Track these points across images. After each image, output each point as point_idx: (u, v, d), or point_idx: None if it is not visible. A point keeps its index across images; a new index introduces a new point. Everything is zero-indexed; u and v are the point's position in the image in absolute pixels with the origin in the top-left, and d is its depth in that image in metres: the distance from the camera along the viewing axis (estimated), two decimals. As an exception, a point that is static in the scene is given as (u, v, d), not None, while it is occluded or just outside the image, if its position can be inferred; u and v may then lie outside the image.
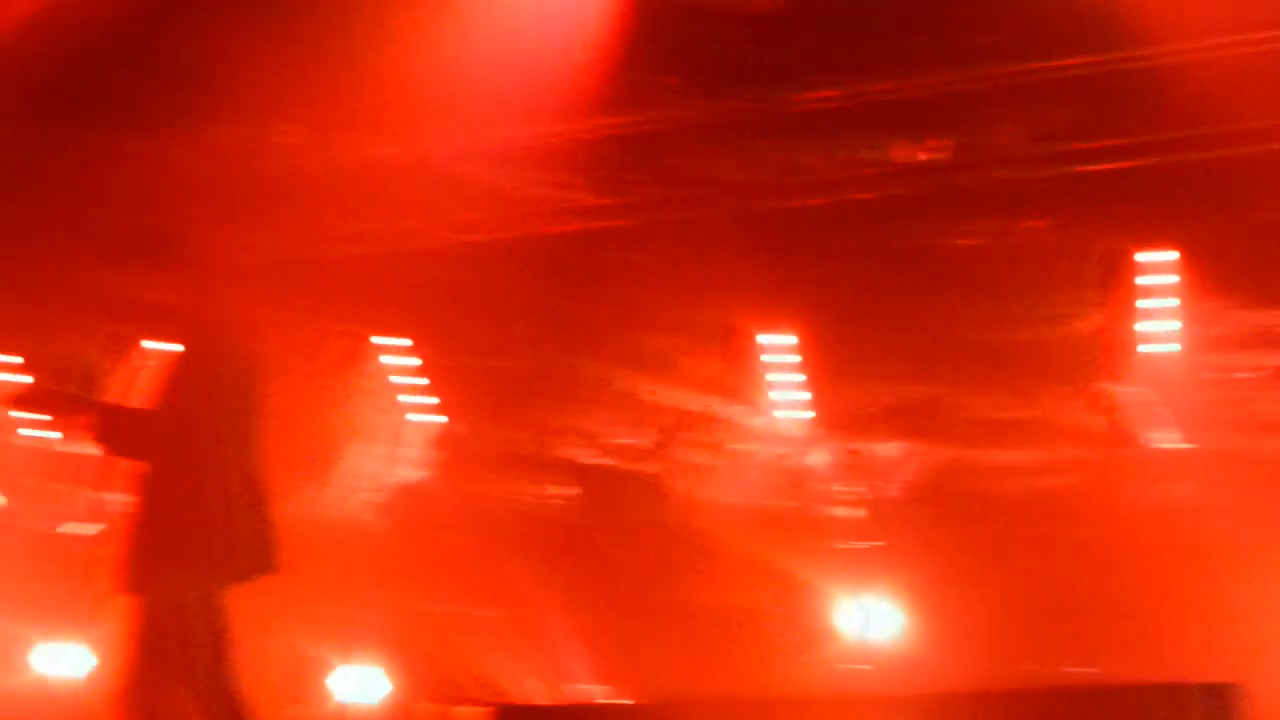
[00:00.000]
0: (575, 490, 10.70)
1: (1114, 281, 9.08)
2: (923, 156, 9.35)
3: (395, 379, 10.57)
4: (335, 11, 8.66)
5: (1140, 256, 9.03)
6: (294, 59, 8.89)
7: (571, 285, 9.91)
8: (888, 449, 10.34)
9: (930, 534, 10.28)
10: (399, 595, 10.13)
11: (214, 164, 9.60)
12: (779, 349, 10.13)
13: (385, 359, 10.43)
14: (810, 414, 10.39)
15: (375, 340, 10.37)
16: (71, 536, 9.21)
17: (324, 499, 10.67)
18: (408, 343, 10.56)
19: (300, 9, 8.78)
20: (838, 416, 10.34)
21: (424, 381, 10.70)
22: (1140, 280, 9.06)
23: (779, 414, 10.31)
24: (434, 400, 10.69)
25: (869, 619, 10.25)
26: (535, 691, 9.88)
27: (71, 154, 8.95)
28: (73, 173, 8.81)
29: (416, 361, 10.64)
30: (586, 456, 10.67)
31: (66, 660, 9.85)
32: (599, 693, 9.75)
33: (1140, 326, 9.19)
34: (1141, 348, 9.25)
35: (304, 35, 8.77)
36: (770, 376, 10.19)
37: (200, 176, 9.51)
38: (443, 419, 10.71)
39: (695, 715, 6.27)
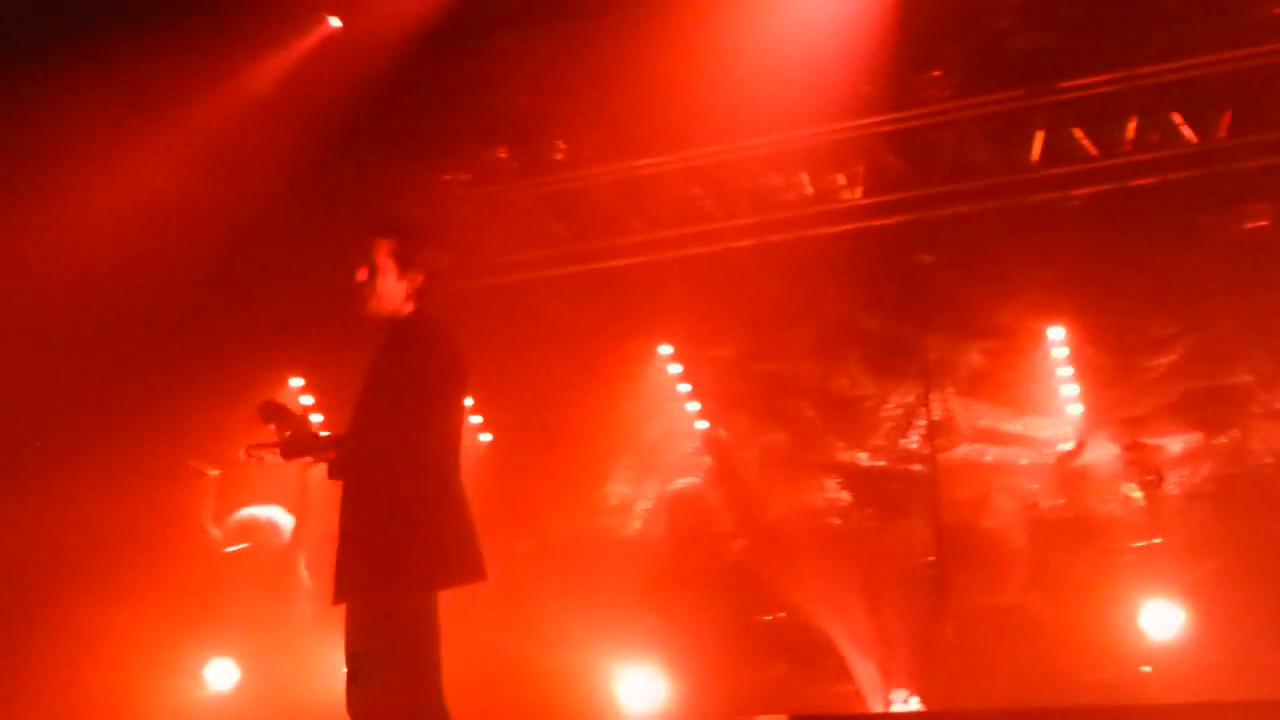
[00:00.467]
0: (849, 493, 10.62)
1: None
2: (1199, 140, 9.11)
3: (668, 387, 10.70)
4: (601, 31, 8.85)
5: None
6: (563, 79, 9.13)
7: (840, 286, 9.90)
8: (1169, 444, 10.03)
9: (1214, 532, 9.93)
10: (678, 601, 10.19)
11: (489, 184, 9.93)
12: (1055, 343, 9.94)
13: (666, 367, 10.57)
14: (1081, 409, 10.16)
15: (658, 349, 10.52)
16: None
17: (605, 507, 10.84)
18: (670, 349, 10.67)
19: (567, 31, 9.02)
20: (1115, 411, 10.07)
21: (688, 389, 10.79)
22: None
23: (1056, 410, 10.11)
24: (699, 406, 10.77)
25: (1151, 620, 9.94)
26: (820, 697, 9.84)
27: (369, 183, 9.32)
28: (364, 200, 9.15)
29: (679, 368, 10.74)
30: (859, 459, 10.59)
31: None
32: (885, 699, 9.66)
33: None
34: None
35: (572, 55, 9.01)
36: (1046, 371, 10.00)
37: (478, 197, 9.85)
38: (705, 424, 10.79)
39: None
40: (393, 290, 5.73)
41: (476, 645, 9.81)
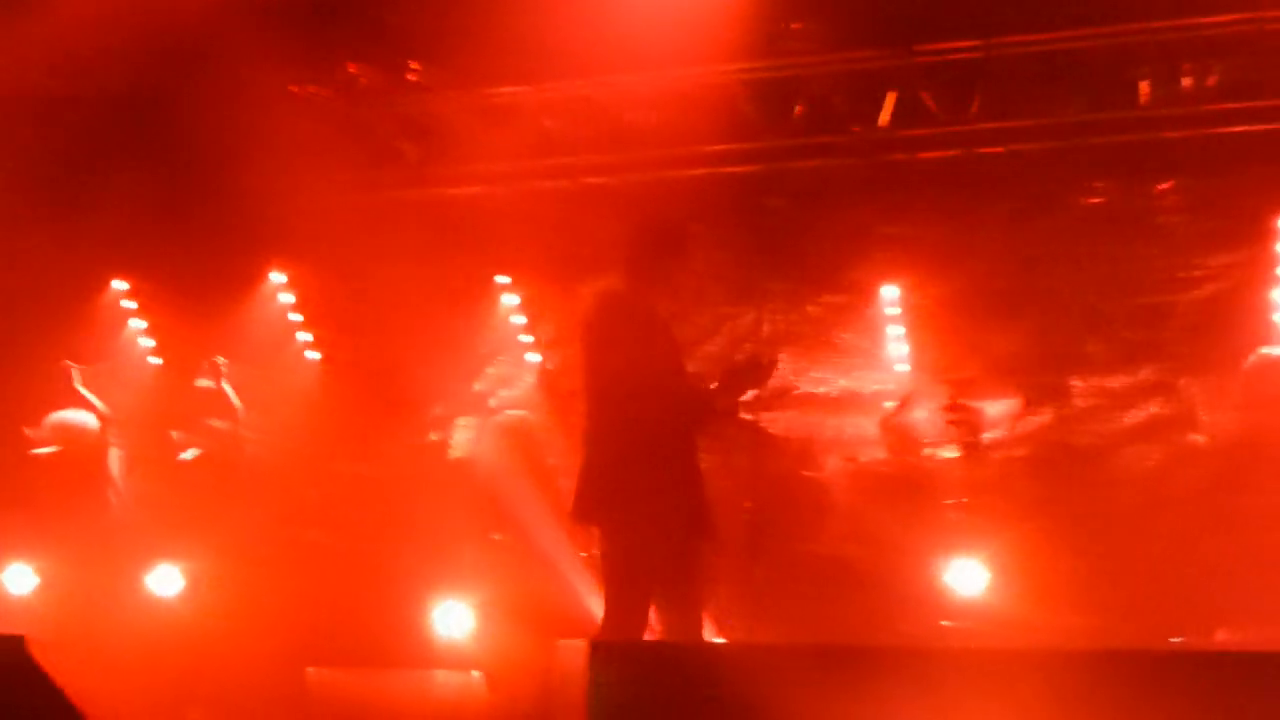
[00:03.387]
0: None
1: (1251, 245, 8.94)
2: (1047, 115, 9.25)
3: (504, 317, 10.61)
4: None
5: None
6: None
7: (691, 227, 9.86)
8: (993, 407, 10.21)
9: (1026, 497, 10.15)
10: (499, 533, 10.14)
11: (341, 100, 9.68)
12: (890, 301, 10.06)
13: (502, 297, 10.46)
14: (909, 367, 10.30)
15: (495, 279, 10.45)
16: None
17: (432, 435, 10.72)
18: (508, 279, 10.57)
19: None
20: (943, 372, 10.22)
21: (523, 320, 10.70)
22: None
23: (885, 367, 10.24)
24: (532, 338, 10.70)
25: (964, 576, 10.16)
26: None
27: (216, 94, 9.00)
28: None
29: (516, 299, 10.64)
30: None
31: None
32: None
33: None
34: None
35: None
36: (879, 328, 10.12)
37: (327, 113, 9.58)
38: (538, 357, 10.72)
39: (785, 660, 6.27)
40: None
41: (298, 568, 9.70)
